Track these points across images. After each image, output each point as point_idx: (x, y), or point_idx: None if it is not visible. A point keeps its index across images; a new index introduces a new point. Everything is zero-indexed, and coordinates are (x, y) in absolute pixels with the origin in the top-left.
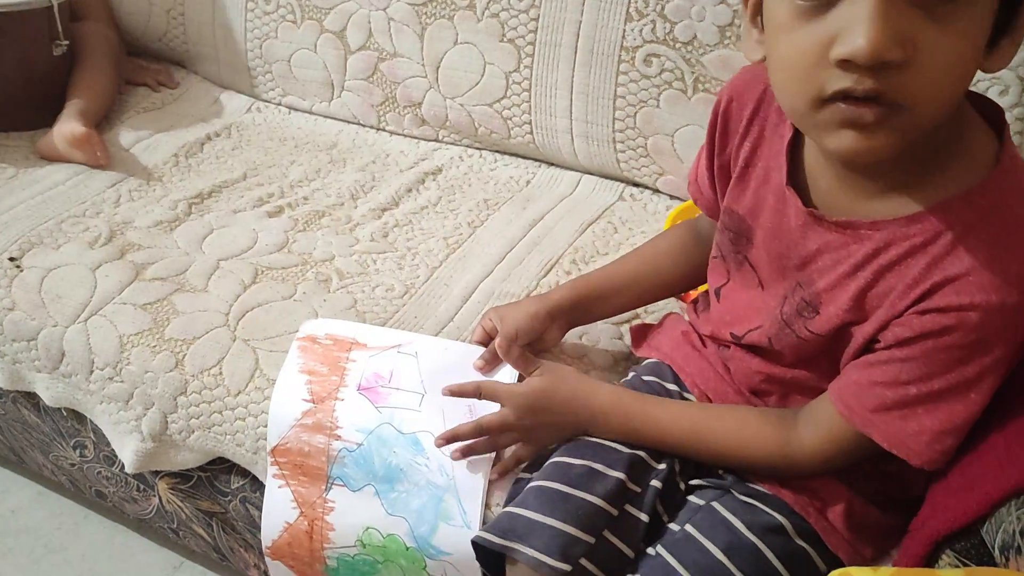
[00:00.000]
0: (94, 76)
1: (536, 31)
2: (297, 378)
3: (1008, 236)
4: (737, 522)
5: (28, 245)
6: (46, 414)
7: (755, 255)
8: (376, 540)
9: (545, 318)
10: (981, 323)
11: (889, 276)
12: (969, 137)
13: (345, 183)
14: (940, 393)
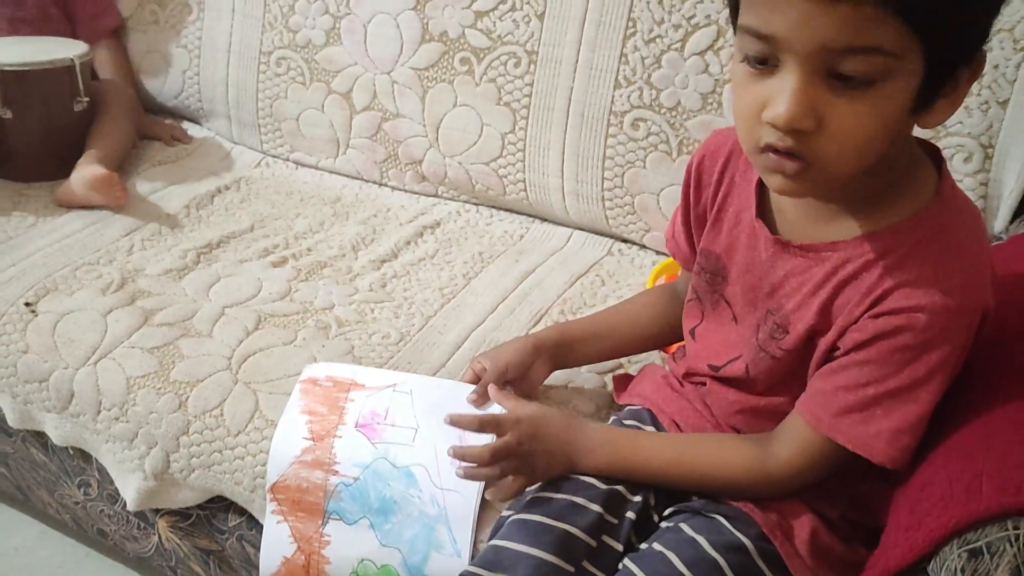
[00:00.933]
0: (112, 128)
1: (531, 95)
2: (298, 418)
3: (948, 252)
4: (701, 539)
5: (44, 291)
6: (53, 453)
7: (730, 291)
8: (371, 571)
9: (532, 351)
10: (928, 323)
11: (847, 289)
12: (915, 172)
13: (347, 235)
14: (895, 392)
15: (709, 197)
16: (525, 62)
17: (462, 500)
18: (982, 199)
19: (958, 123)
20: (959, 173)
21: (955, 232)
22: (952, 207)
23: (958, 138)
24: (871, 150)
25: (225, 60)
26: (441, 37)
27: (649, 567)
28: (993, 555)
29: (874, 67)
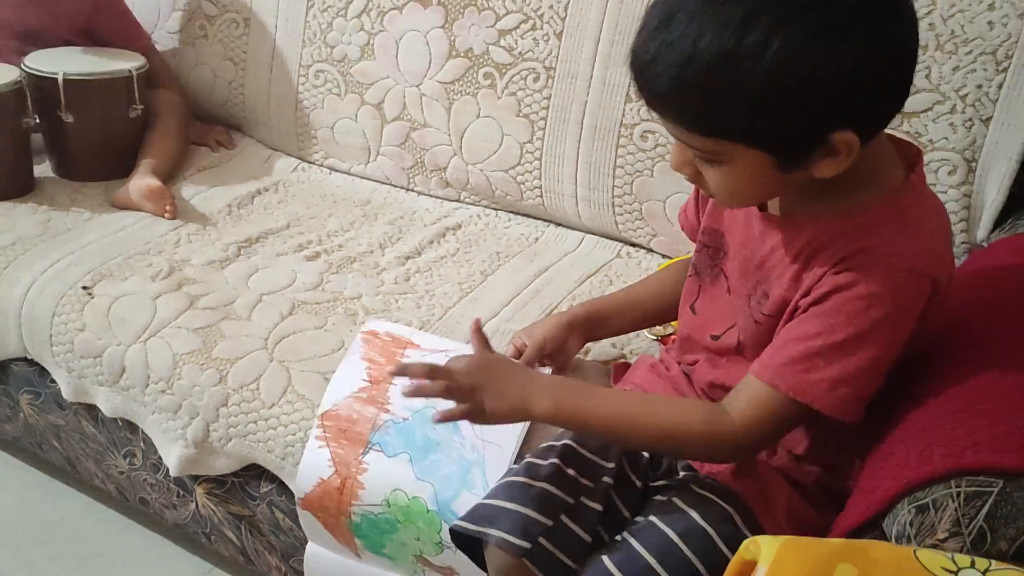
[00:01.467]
0: (165, 138)
1: (548, 108)
2: (359, 363)
3: (908, 226)
4: (693, 512)
5: (99, 276)
6: (102, 425)
7: (729, 265)
8: (401, 501)
9: (566, 327)
10: (880, 279)
11: (819, 256)
12: (884, 170)
13: (375, 234)
14: (840, 345)
15: None
16: (544, 77)
17: (500, 451)
18: (965, 209)
19: (943, 139)
20: (944, 185)
21: (917, 212)
22: (918, 195)
23: (943, 152)
24: (751, 196)
25: (268, 72)
26: (467, 53)
27: (645, 538)
28: (938, 510)
29: (709, 155)
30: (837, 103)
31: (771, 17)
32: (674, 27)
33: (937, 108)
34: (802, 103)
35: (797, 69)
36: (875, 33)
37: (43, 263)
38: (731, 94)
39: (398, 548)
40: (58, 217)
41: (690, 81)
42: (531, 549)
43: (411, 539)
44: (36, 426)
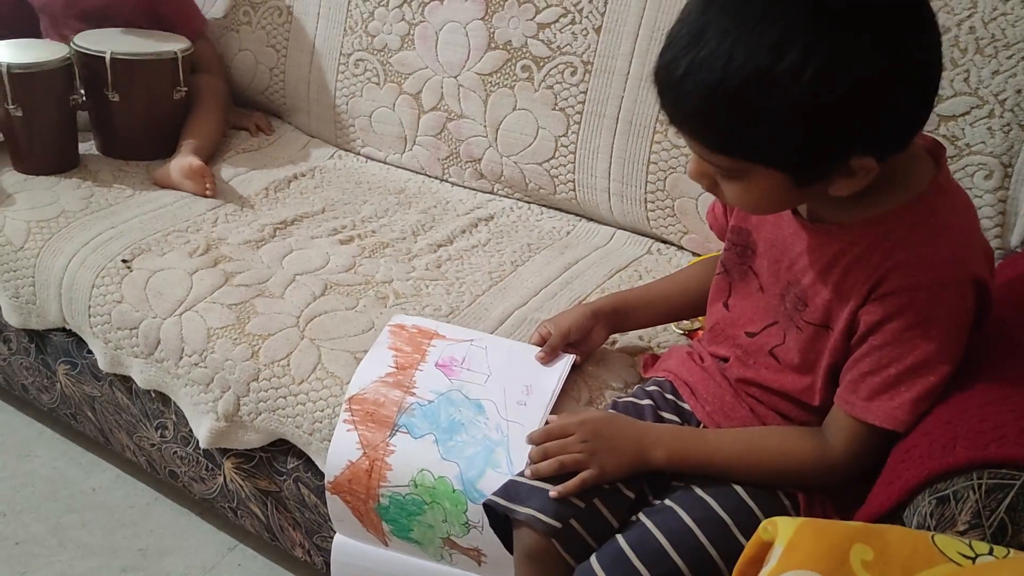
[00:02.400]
0: (207, 120)
1: (584, 102)
2: (386, 352)
3: (939, 231)
4: (712, 501)
5: (138, 251)
6: (136, 397)
7: (758, 263)
8: (428, 481)
9: (591, 317)
10: (928, 300)
11: (855, 269)
12: (913, 166)
13: (408, 222)
14: (913, 368)
15: None
16: (581, 71)
17: (524, 431)
18: (1000, 215)
19: (980, 143)
20: (980, 189)
21: (946, 214)
22: (945, 194)
23: (980, 156)
24: (768, 208)
25: (309, 60)
26: (505, 46)
27: (661, 521)
28: (958, 501)
29: (726, 171)
30: (861, 130)
31: (805, 42)
32: (704, 44)
33: (975, 112)
34: (827, 130)
35: (826, 97)
36: (903, 60)
37: (85, 236)
38: (758, 118)
39: (425, 531)
40: (101, 193)
41: (719, 103)
42: (561, 530)
43: (438, 521)
44: (72, 397)
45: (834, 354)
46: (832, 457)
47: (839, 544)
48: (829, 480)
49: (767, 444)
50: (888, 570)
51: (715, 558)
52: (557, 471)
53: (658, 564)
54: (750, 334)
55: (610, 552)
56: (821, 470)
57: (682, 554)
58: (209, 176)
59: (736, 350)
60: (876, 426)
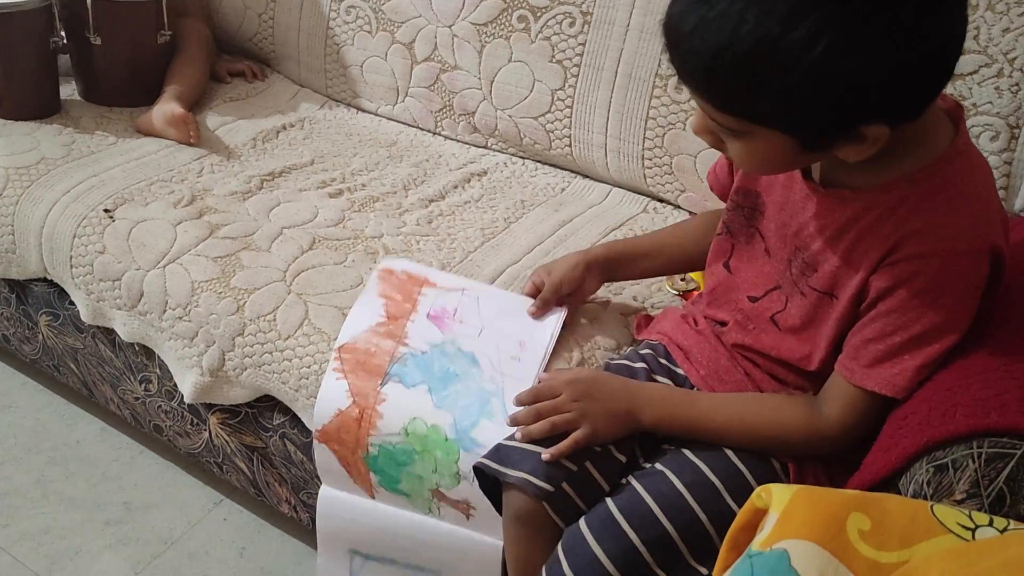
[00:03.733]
0: (191, 66)
1: (582, 55)
2: (376, 300)
3: (957, 198)
4: (703, 465)
5: (121, 200)
6: (119, 349)
7: (765, 225)
8: (420, 430)
9: (584, 268)
10: (941, 267)
11: (868, 236)
12: (931, 129)
13: (399, 175)
14: (920, 337)
15: None
16: (579, 22)
17: (519, 384)
18: (1005, 177)
19: (988, 103)
20: (985, 151)
21: (965, 180)
22: (964, 159)
23: (987, 117)
24: (773, 169)
25: (299, 5)
26: None
27: (651, 484)
28: (957, 470)
29: (730, 130)
30: (873, 100)
31: (820, 14)
32: (716, 2)
33: (983, 71)
34: (837, 100)
35: (838, 70)
36: (924, 35)
37: (65, 184)
38: (765, 84)
39: (414, 483)
40: (82, 140)
41: (725, 65)
42: (553, 493)
43: (428, 471)
44: (54, 348)
45: (840, 323)
46: (825, 426)
47: (835, 513)
48: (820, 449)
49: (759, 410)
50: (886, 540)
51: (705, 523)
52: (549, 432)
53: (647, 528)
54: (753, 299)
55: (599, 516)
56: (813, 439)
57: (672, 518)
58: (192, 124)
59: (737, 315)
60: (874, 394)
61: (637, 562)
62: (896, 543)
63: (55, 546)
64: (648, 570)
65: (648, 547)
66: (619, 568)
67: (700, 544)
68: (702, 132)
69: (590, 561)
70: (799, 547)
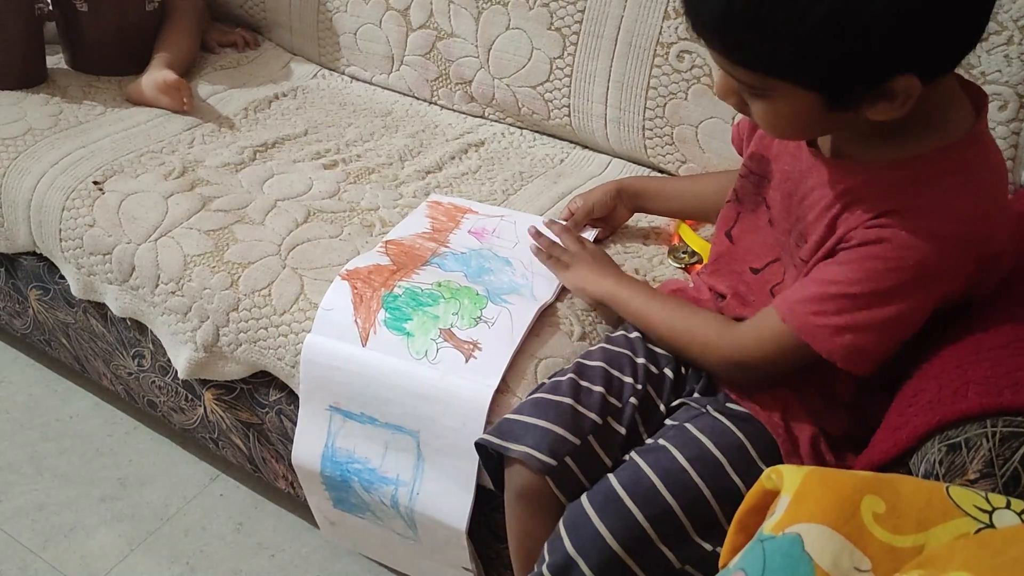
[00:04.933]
0: (181, 34)
1: (582, 22)
2: (424, 219)
3: (970, 186)
4: (706, 440)
5: (111, 172)
6: (111, 324)
7: (771, 195)
8: (453, 286)
9: (615, 195)
10: (908, 243)
11: (860, 204)
12: (950, 112)
13: (395, 146)
14: (854, 297)
15: None
16: None
17: (547, 282)
18: (1012, 148)
19: (996, 71)
20: (993, 121)
21: (980, 168)
22: (982, 147)
23: (995, 86)
24: (798, 132)
25: None
26: None
27: (654, 460)
28: (970, 449)
29: (752, 88)
30: (899, 48)
31: None
32: None
33: (993, 39)
34: (860, 48)
35: (859, 14)
36: None
37: (54, 155)
38: (782, 31)
39: (425, 322)
40: (70, 110)
41: (739, 13)
42: (556, 467)
43: (448, 313)
44: (45, 323)
45: None
46: (727, 336)
47: (849, 496)
48: (740, 375)
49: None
50: (901, 524)
51: (708, 498)
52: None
53: (650, 504)
54: (755, 270)
55: (601, 491)
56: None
57: (675, 494)
58: (186, 89)
59: (739, 286)
60: (787, 328)
61: (641, 538)
62: (912, 526)
63: (49, 522)
64: (652, 546)
65: (652, 523)
66: (622, 544)
67: (705, 520)
68: (726, 94)
69: (593, 538)
70: (812, 531)
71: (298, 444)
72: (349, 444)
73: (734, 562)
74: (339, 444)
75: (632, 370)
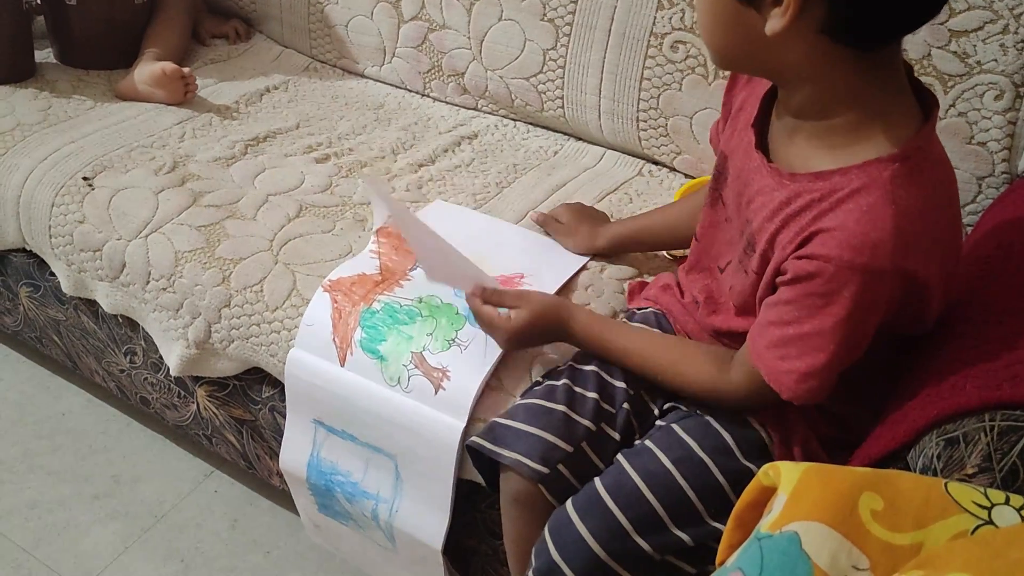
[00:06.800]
0: (170, 28)
1: (575, 13)
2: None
3: (879, 209)
4: (690, 440)
5: (100, 167)
6: (103, 321)
7: (727, 192)
8: (434, 303)
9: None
10: (833, 276)
11: (791, 224)
12: (892, 118)
13: (388, 139)
14: (806, 337)
15: (737, 93)
16: None
17: None
18: (1009, 137)
19: (992, 61)
20: (988, 111)
21: (902, 187)
22: (916, 162)
23: (991, 76)
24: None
25: None
26: None
27: (638, 463)
28: (968, 443)
29: None
30: None
31: None
32: None
33: (988, 28)
34: None
35: None
36: None
37: (43, 151)
38: None
39: (398, 344)
40: (59, 104)
41: None
42: (548, 474)
43: (422, 333)
44: (36, 320)
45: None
46: (724, 385)
47: (847, 492)
48: (724, 407)
49: (665, 355)
50: (900, 521)
51: (693, 499)
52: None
53: (633, 506)
54: (720, 269)
55: (586, 495)
56: (709, 396)
57: (658, 496)
58: (190, 76)
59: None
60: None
61: (622, 537)
62: (910, 524)
63: (42, 520)
64: (632, 543)
65: (634, 524)
66: (603, 545)
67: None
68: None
69: (575, 540)
70: (810, 529)
71: (285, 450)
72: (333, 456)
73: (731, 561)
74: (324, 455)
75: (624, 375)
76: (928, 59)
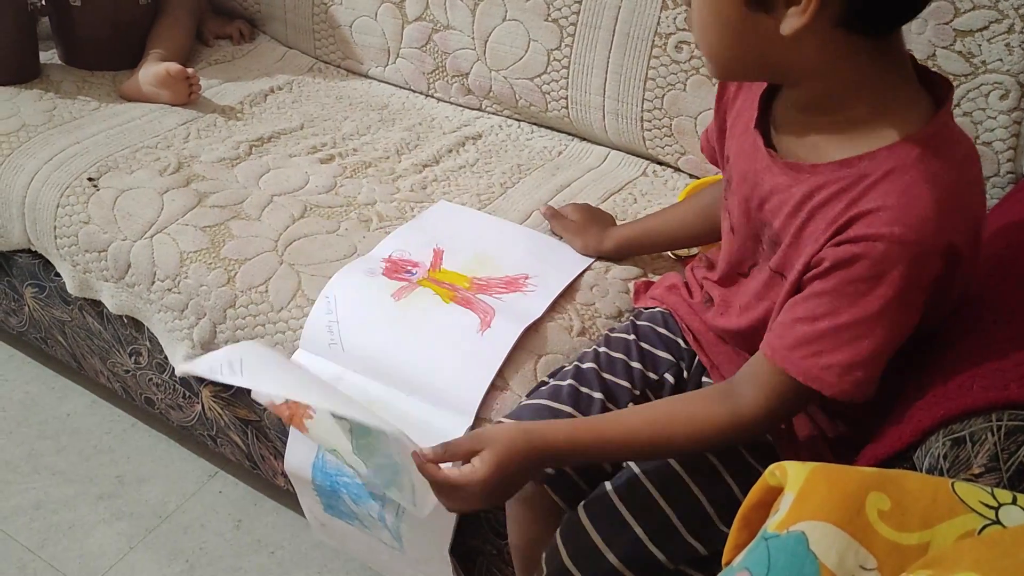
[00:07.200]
0: (174, 29)
1: (579, 13)
2: None
3: (918, 186)
4: None
5: (105, 168)
6: (108, 322)
7: (730, 201)
8: None
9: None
10: (884, 255)
11: (819, 216)
12: (904, 102)
13: (392, 140)
14: (847, 327)
15: (730, 99)
16: None
17: None
18: (1014, 137)
19: (997, 60)
20: (994, 110)
21: (933, 164)
22: (940, 140)
23: (996, 75)
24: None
25: None
26: None
27: (650, 468)
28: (975, 443)
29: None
30: None
31: None
32: None
33: (994, 27)
34: None
35: None
36: None
37: (48, 152)
38: None
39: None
40: (64, 105)
41: None
42: (554, 476)
43: None
44: (41, 320)
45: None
46: (748, 414)
47: (854, 492)
48: (745, 439)
49: (674, 422)
50: (907, 521)
51: (705, 505)
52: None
53: (647, 515)
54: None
55: (598, 501)
56: (735, 432)
57: (669, 500)
58: (194, 77)
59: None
60: (792, 379)
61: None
62: (917, 523)
63: (47, 521)
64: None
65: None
66: (620, 559)
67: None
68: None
69: (589, 548)
70: (817, 529)
71: (290, 452)
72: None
73: (738, 561)
74: (328, 457)
75: (628, 375)
76: (933, 59)
